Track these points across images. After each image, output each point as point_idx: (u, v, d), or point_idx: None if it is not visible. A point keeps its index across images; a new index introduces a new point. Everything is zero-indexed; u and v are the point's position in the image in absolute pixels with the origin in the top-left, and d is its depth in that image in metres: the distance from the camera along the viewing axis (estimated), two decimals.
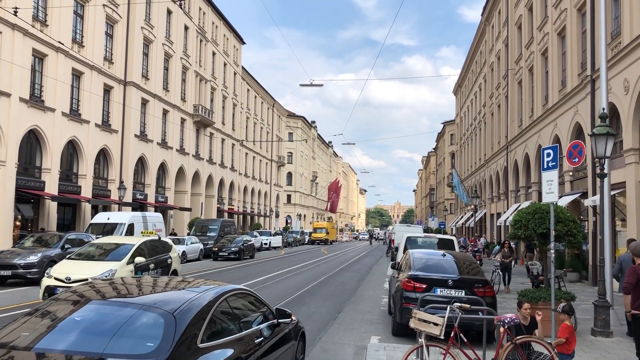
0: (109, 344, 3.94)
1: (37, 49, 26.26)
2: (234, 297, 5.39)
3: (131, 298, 4.91)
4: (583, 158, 12.69)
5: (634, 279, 6.97)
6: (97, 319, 4.30)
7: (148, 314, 4.33)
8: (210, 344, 4.40)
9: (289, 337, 6.36)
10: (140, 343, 4.01)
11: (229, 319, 5.09)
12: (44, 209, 27.45)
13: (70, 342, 4.01)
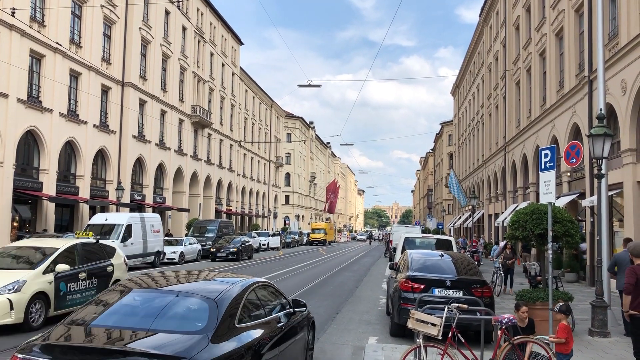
0: (166, 322, 4.89)
1: (34, 50, 26.23)
2: (259, 288, 6.33)
3: (178, 286, 5.78)
4: (580, 159, 12.72)
5: (634, 279, 6.94)
6: (156, 304, 5.23)
7: (194, 300, 5.29)
8: (245, 325, 5.37)
9: (303, 324, 7.24)
10: (190, 322, 4.94)
11: (256, 305, 6.03)
12: (41, 209, 27.41)
13: (129, 321, 4.97)
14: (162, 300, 5.26)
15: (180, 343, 4.56)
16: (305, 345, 7.40)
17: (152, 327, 4.78)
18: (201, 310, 5.12)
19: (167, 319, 4.97)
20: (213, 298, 5.29)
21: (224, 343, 4.82)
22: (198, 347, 4.54)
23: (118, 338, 4.71)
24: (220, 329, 4.91)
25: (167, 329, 4.80)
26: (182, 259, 29.25)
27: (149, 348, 4.43)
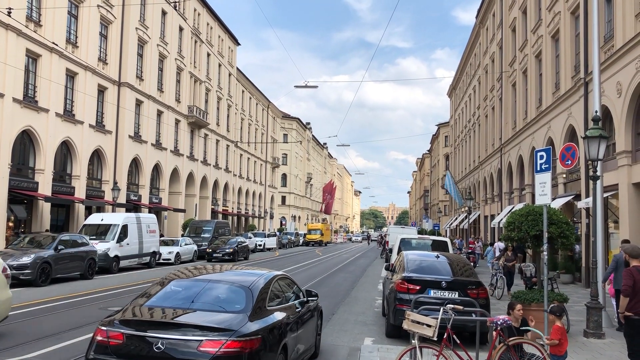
0: (213, 304, 6.19)
1: (30, 49, 26.16)
2: (280, 279, 7.65)
3: (218, 276, 7.22)
4: (576, 160, 12.76)
5: (631, 281, 6.95)
6: (203, 290, 6.50)
7: (233, 287, 6.59)
8: (272, 308, 6.67)
9: (314, 312, 8.54)
10: (231, 305, 6.20)
11: (279, 293, 7.30)
12: (37, 210, 27.34)
13: (183, 303, 6.20)
14: (207, 286, 6.60)
15: (227, 320, 5.79)
16: (316, 330, 8.77)
17: (202, 308, 6.09)
18: (239, 295, 6.42)
19: (213, 302, 6.29)
20: (248, 286, 6.61)
21: (258, 321, 6.06)
22: (240, 323, 5.79)
23: (177, 315, 5.95)
24: (255, 310, 6.18)
25: (215, 309, 6.09)
26: (178, 259, 29.22)
27: (205, 322, 5.69)
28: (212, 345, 5.42)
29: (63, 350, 8.84)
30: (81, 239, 21.00)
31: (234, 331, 5.58)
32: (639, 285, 6.88)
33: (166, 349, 5.41)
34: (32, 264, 17.45)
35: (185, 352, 5.42)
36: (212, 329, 5.58)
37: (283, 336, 6.55)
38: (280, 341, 6.42)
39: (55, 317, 12.00)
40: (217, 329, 5.59)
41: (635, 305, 6.85)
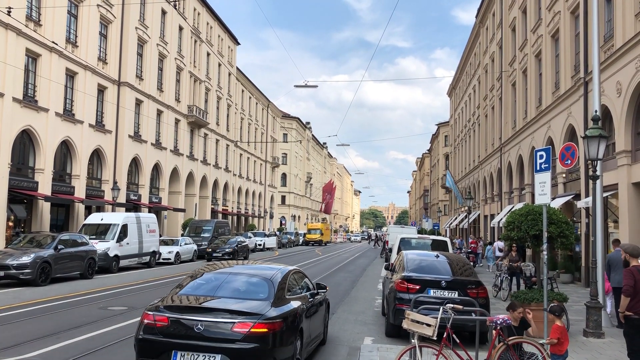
0: (241, 293, 7.28)
1: (30, 49, 26.14)
2: (294, 273, 8.59)
3: (243, 269, 8.13)
4: (575, 160, 12.76)
5: (632, 280, 6.93)
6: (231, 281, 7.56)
7: (256, 279, 7.60)
8: (290, 297, 7.65)
9: (322, 302, 9.44)
10: (256, 294, 7.22)
11: (294, 285, 8.28)
12: (37, 209, 27.33)
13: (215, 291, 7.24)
14: (234, 278, 7.64)
15: (254, 306, 6.84)
16: (324, 319, 9.73)
17: (231, 296, 7.16)
18: (262, 286, 7.43)
19: (240, 291, 7.36)
20: (269, 278, 7.62)
21: (279, 307, 7.06)
22: (265, 308, 6.79)
23: (211, 301, 6.98)
24: (276, 298, 7.19)
25: (242, 297, 7.17)
26: (177, 259, 29.23)
27: (236, 308, 6.73)
28: (243, 327, 6.47)
29: (63, 350, 8.84)
30: (81, 239, 21.01)
31: (261, 315, 6.64)
32: (639, 285, 6.86)
33: (205, 329, 6.46)
34: (32, 264, 17.45)
35: (222, 332, 6.47)
36: (242, 313, 6.64)
37: (299, 321, 7.53)
38: (297, 326, 7.41)
39: (55, 316, 12.00)
40: (247, 313, 6.65)
41: (636, 305, 6.83)
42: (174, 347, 6.51)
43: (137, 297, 15.36)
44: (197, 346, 6.45)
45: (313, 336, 8.56)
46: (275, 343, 6.64)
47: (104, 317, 11.81)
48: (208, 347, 6.44)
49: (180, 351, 6.50)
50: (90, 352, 8.73)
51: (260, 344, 6.49)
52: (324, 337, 9.76)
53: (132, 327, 10.82)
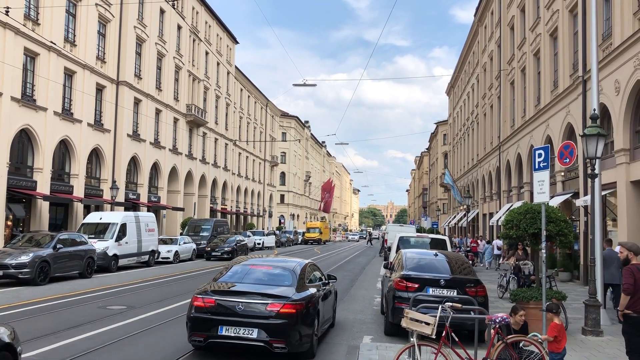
0: (271, 280, 8.87)
1: (28, 48, 26.11)
2: (310, 265, 10.21)
3: (273, 262, 9.88)
4: (574, 158, 12.79)
5: (632, 279, 6.90)
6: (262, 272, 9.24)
7: (281, 270, 9.23)
8: (308, 285, 9.21)
9: (331, 291, 10.91)
10: (282, 281, 8.81)
11: (310, 275, 9.84)
12: (35, 208, 27.31)
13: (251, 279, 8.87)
14: (263, 269, 9.34)
15: (282, 291, 8.45)
16: (334, 304, 11.33)
17: (263, 283, 8.76)
18: (287, 275, 9.06)
19: (269, 279, 8.96)
20: (291, 269, 9.27)
21: (301, 292, 8.63)
22: (291, 292, 8.44)
23: (247, 287, 8.55)
24: (298, 285, 8.79)
25: (271, 284, 8.75)
26: (176, 258, 29.22)
27: (269, 292, 8.36)
28: (275, 306, 8.11)
29: (61, 349, 8.84)
30: (80, 238, 21.00)
31: (288, 298, 8.26)
32: (639, 283, 6.84)
33: (245, 309, 8.11)
34: (30, 263, 17.44)
35: (258, 311, 8.10)
36: (273, 296, 8.25)
37: (317, 304, 9.08)
38: (315, 308, 8.94)
39: (54, 316, 11.99)
40: (277, 296, 8.27)
41: (635, 303, 6.82)
42: (220, 323, 8.13)
43: (136, 297, 15.35)
44: (238, 322, 8.08)
45: (326, 318, 10.15)
46: (300, 320, 8.22)
47: (103, 317, 11.80)
48: (247, 323, 8.06)
49: (225, 326, 8.11)
50: (89, 351, 8.72)
51: (289, 321, 8.08)
52: (333, 321, 11.32)
53: (131, 326, 10.83)
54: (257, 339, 8.01)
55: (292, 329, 8.10)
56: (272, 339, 8.01)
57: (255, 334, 8.02)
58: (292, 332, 8.09)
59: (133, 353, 8.80)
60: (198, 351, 8.89)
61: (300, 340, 8.28)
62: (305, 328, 8.38)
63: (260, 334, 8.00)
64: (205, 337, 8.21)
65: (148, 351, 9.00)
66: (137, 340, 9.73)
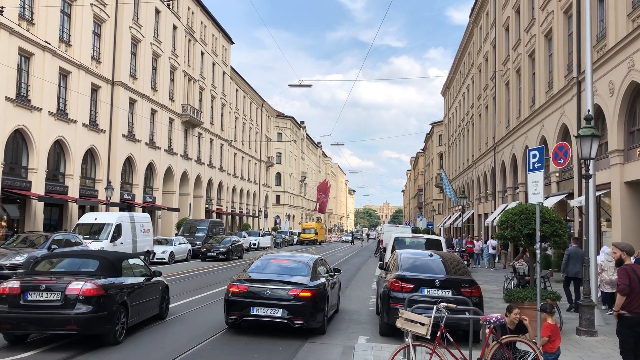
0: (290, 271, 10.82)
1: (23, 48, 26.02)
2: (320, 259, 12.22)
3: (291, 256, 12.16)
4: (568, 159, 12.84)
5: (627, 279, 6.90)
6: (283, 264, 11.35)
7: (298, 263, 11.28)
8: (319, 275, 11.11)
9: (337, 282, 12.95)
10: (300, 272, 10.74)
11: (321, 267, 11.83)
12: (30, 209, 27.21)
13: (274, 271, 10.90)
14: (282, 263, 11.54)
15: (300, 279, 10.46)
16: (338, 294, 13.34)
17: (284, 273, 10.84)
18: (303, 267, 11.12)
19: (288, 270, 11.02)
20: (306, 262, 11.36)
21: (315, 281, 10.64)
22: (306, 281, 10.47)
23: (272, 277, 10.59)
24: (312, 275, 10.79)
25: (291, 274, 10.76)
26: (171, 258, 29.14)
27: (290, 279, 10.41)
28: (295, 291, 10.12)
29: (55, 350, 8.81)
30: (75, 239, 20.92)
31: (305, 284, 10.32)
32: (634, 284, 6.86)
33: (271, 293, 10.12)
34: (25, 264, 17.35)
35: (282, 294, 10.11)
36: (293, 283, 10.31)
37: (327, 291, 11.06)
38: (326, 293, 10.94)
39: None
40: (296, 283, 10.33)
41: (630, 304, 6.85)
42: (252, 305, 10.10)
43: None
44: (266, 303, 10.04)
45: (333, 303, 12.18)
46: (314, 303, 10.19)
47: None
48: (273, 304, 10.04)
49: (256, 307, 10.07)
50: (85, 352, 8.70)
51: (306, 303, 10.05)
52: (337, 307, 13.28)
53: None
54: (281, 317, 9.99)
55: (308, 309, 10.08)
56: (292, 317, 9.97)
57: (279, 313, 10.00)
58: (308, 311, 10.07)
59: (128, 354, 8.78)
60: (229, 330, 10.75)
61: (315, 318, 10.25)
62: (318, 309, 10.37)
63: (284, 313, 9.98)
64: (240, 316, 10.20)
65: (143, 351, 8.98)
66: (132, 340, 9.70)
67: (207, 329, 10.90)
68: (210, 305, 13.97)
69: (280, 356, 9.01)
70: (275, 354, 9.08)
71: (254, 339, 10.05)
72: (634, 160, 16.28)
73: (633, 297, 6.83)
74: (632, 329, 6.87)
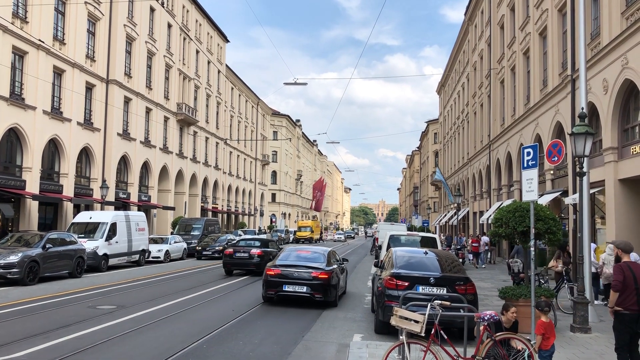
0: (310, 260, 14.48)
1: (17, 46, 25.90)
2: (332, 251, 15.70)
3: (310, 248, 16.19)
4: (562, 157, 12.88)
5: (622, 276, 7.04)
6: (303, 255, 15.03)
7: (317, 253, 15.02)
8: (332, 262, 14.77)
9: (344, 269, 16.40)
10: (318, 260, 14.45)
11: (333, 257, 15.32)
12: (24, 208, 27.12)
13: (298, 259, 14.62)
14: (303, 253, 15.11)
15: (318, 265, 13.97)
16: (345, 278, 16.63)
17: (306, 259, 14.49)
18: (320, 256, 14.62)
19: (310, 258, 14.52)
20: (322, 252, 14.87)
21: (330, 266, 14.09)
22: (324, 266, 13.96)
23: (297, 261, 14.30)
24: (328, 262, 14.27)
25: (312, 261, 14.28)
26: (167, 257, 29.10)
27: (311, 265, 13.99)
28: (316, 273, 13.60)
29: (51, 349, 8.79)
30: (69, 238, 20.86)
31: (322, 269, 13.78)
32: (628, 281, 6.96)
33: (298, 275, 13.65)
34: (19, 263, 17.30)
35: (306, 275, 13.60)
36: (314, 268, 13.77)
37: (338, 275, 14.63)
38: (337, 276, 14.46)
39: (43, 316, 11.92)
40: (316, 267, 13.82)
41: (625, 301, 6.94)
42: (283, 283, 13.70)
43: (126, 296, 15.30)
44: (294, 282, 13.63)
45: (342, 285, 15.61)
46: (329, 282, 13.70)
47: (92, 316, 11.75)
48: (299, 283, 13.61)
49: (287, 285, 13.66)
50: (79, 351, 8.68)
51: (323, 282, 13.62)
52: (345, 289, 16.67)
53: (121, 326, 10.80)
54: (305, 292, 13.55)
55: (325, 287, 13.59)
56: (314, 292, 13.51)
57: (304, 289, 13.55)
58: (325, 288, 13.58)
59: (123, 353, 8.77)
60: (265, 304, 14.13)
61: (330, 294, 13.73)
62: (332, 287, 13.86)
63: (307, 289, 13.52)
64: (275, 292, 13.82)
65: (138, 351, 8.97)
66: (127, 340, 9.69)
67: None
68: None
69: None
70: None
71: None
72: (628, 157, 16.34)
73: (628, 294, 6.94)
74: (627, 325, 6.96)
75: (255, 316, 12.48)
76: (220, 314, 12.62)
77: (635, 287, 6.93)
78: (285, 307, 13.87)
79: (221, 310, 13.25)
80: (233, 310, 13.05)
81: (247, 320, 11.87)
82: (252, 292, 17.00)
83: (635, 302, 6.92)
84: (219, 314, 12.54)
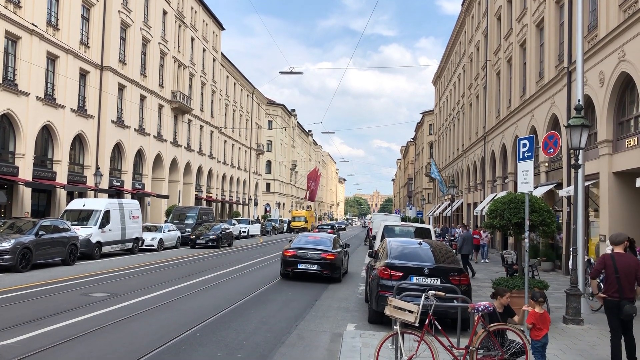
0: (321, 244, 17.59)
1: (9, 31, 25.63)
2: (336, 237, 19.81)
3: (319, 235, 20.13)
4: (558, 149, 12.87)
5: (601, 266, 7.74)
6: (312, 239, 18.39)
7: (326, 239, 18.41)
8: (337, 246, 18.19)
9: (347, 253, 19.96)
10: (327, 244, 17.67)
11: (337, 242, 18.88)
12: (17, 195, 26.97)
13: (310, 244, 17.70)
14: (312, 239, 18.47)
15: (327, 248, 17.22)
16: (347, 260, 19.55)
17: (317, 244, 17.61)
18: (328, 241, 18.00)
19: (319, 243, 17.67)
20: (329, 239, 18.54)
21: (335, 249, 17.45)
22: (330, 249, 17.26)
23: (309, 246, 17.43)
24: (334, 246, 17.67)
25: (321, 245, 17.44)
26: (161, 245, 29.05)
27: (321, 247, 17.22)
28: (324, 255, 16.80)
29: (43, 336, 8.75)
30: (62, 225, 20.76)
31: (330, 251, 16.99)
32: (610, 270, 7.56)
33: (310, 255, 16.84)
34: (12, 250, 17.21)
35: (316, 256, 16.78)
36: (323, 250, 16.94)
37: (343, 256, 17.98)
38: (342, 258, 17.70)
39: (36, 303, 11.87)
40: (324, 250, 16.96)
41: (608, 289, 7.58)
42: (298, 262, 16.77)
43: (119, 284, 15.26)
44: (307, 261, 16.68)
45: (344, 266, 18.63)
46: (335, 262, 16.75)
47: (85, 304, 11.71)
48: (311, 262, 16.65)
49: (301, 264, 16.70)
50: (71, 338, 8.65)
51: (330, 262, 16.62)
52: (347, 270, 19.55)
53: (114, 313, 10.77)
54: (316, 270, 16.61)
55: (332, 266, 16.66)
56: (322, 270, 16.57)
57: (315, 267, 16.63)
58: (332, 267, 16.66)
59: (115, 340, 8.74)
60: (281, 280, 17.11)
61: (335, 271, 16.83)
62: (337, 266, 16.92)
63: (317, 267, 16.61)
64: (291, 269, 16.86)
65: (130, 339, 8.94)
66: (120, 327, 9.66)
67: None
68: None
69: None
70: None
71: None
72: (623, 150, 16.36)
73: (610, 282, 7.59)
74: (612, 310, 7.57)
75: (249, 305, 12.47)
76: (214, 302, 12.60)
77: (615, 276, 7.49)
78: (279, 295, 13.88)
79: (215, 298, 13.23)
80: (229, 297, 13.04)
81: (241, 309, 11.86)
82: (245, 279, 17.03)
83: (616, 290, 7.48)
84: (212, 302, 12.52)
